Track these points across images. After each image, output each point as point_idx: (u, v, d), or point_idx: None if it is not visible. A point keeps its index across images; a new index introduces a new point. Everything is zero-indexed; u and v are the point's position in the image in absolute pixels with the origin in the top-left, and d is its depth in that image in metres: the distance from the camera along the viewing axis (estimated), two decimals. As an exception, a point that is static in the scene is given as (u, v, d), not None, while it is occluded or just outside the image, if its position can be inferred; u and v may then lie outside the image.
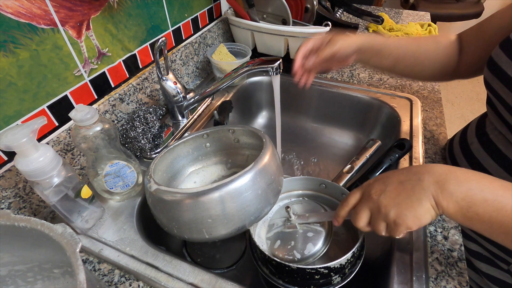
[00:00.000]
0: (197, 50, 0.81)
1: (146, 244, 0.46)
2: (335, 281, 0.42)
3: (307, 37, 0.79)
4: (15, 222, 0.32)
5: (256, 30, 0.83)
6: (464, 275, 0.42)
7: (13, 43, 0.42)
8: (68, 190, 0.42)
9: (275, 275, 0.43)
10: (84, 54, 0.52)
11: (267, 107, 0.93)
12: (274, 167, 0.43)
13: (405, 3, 2.43)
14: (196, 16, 0.79)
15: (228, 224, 0.40)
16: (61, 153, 0.51)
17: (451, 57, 0.55)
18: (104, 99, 0.58)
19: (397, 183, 0.34)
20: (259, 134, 0.49)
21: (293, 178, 0.53)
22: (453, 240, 0.46)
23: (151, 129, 0.61)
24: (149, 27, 0.65)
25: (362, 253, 0.44)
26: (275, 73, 0.52)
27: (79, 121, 0.42)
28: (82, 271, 0.29)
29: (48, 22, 0.45)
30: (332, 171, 0.77)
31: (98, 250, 0.46)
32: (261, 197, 0.41)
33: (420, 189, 0.33)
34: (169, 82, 0.61)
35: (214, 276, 0.42)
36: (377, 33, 1.08)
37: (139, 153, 0.60)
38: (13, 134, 0.35)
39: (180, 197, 0.39)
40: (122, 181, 0.50)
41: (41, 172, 0.38)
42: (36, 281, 0.41)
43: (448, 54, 0.55)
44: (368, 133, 0.81)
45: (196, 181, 0.58)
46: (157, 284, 0.42)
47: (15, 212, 0.46)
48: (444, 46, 0.55)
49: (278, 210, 0.52)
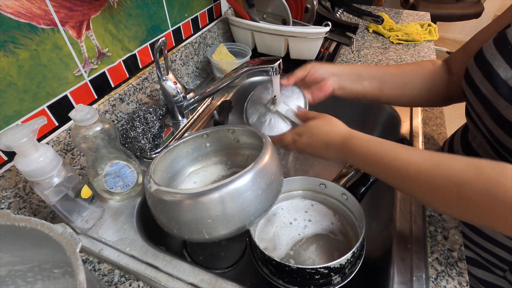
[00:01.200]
0: (197, 50, 0.81)
1: (146, 244, 0.46)
2: (335, 281, 0.42)
3: (307, 37, 0.79)
4: (15, 222, 0.32)
5: (256, 30, 0.83)
6: (464, 275, 0.42)
7: (13, 43, 0.42)
8: (68, 190, 0.42)
9: (275, 275, 0.43)
10: (84, 54, 0.52)
11: (267, 107, 0.93)
12: (274, 167, 0.43)
13: (405, 3, 2.43)
14: (196, 16, 0.79)
15: (228, 224, 0.40)
16: (61, 153, 0.51)
17: (438, 79, 0.53)
18: (104, 99, 0.58)
19: (317, 148, 0.48)
20: (259, 134, 0.49)
21: (293, 178, 0.53)
22: (453, 240, 0.46)
23: (151, 129, 0.61)
24: (149, 27, 0.65)
25: (362, 253, 0.44)
26: (275, 73, 0.52)
27: (79, 121, 0.42)
28: (82, 271, 0.29)
29: (48, 22, 0.45)
30: (332, 171, 0.77)
31: (98, 250, 0.46)
32: (261, 197, 0.41)
33: (330, 156, 0.47)
34: (169, 82, 0.61)
35: (214, 276, 0.42)
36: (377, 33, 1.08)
37: (139, 153, 0.60)
38: (13, 134, 0.35)
39: (180, 198, 0.39)
40: (122, 181, 0.50)
41: (41, 172, 0.38)
42: (36, 281, 0.41)
43: (434, 76, 0.54)
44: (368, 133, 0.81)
45: (196, 181, 0.58)
46: (157, 284, 0.42)
47: (15, 212, 0.46)
48: (430, 69, 0.54)
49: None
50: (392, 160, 0.38)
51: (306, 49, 0.83)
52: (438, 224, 0.48)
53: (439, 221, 0.49)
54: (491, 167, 0.32)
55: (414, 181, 0.37)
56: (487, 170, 0.32)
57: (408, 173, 0.37)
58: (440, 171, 0.34)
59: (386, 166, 0.39)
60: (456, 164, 0.34)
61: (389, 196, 0.56)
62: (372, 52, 0.97)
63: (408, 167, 0.37)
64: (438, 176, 0.34)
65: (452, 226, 0.48)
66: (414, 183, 0.37)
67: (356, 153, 0.43)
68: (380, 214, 0.59)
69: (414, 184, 0.37)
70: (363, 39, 1.06)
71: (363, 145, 0.42)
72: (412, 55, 0.94)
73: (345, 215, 0.52)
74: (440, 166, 0.35)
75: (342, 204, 0.52)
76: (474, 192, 0.32)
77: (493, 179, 0.31)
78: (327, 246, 0.49)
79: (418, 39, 1.01)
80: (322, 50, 0.95)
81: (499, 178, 0.31)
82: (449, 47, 2.82)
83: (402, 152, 0.38)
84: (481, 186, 0.31)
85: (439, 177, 0.34)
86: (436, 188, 0.35)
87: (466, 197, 0.32)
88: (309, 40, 0.80)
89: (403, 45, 1.00)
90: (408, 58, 0.92)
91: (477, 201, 0.32)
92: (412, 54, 0.95)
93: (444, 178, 0.34)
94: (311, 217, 0.53)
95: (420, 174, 0.36)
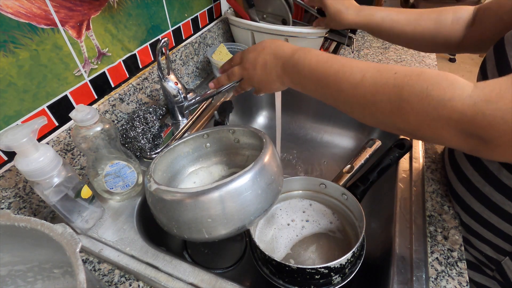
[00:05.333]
0: (197, 50, 0.81)
1: (146, 244, 0.46)
2: (335, 281, 0.42)
3: (307, 37, 0.79)
4: (15, 222, 0.32)
5: (256, 30, 0.83)
6: (464, 275, 0.42)
7: (13, 43, 0.42)
8: (68, 190, 0.42)
9: (275, 275, 0.43)
10: (84, 54, 0.52)
11: (267, 107, 0.93)
12: (274, 167, 0.43)
13: (405, 3, 2.44)
14: (196, 16, 0.79)
15: (228, 224, 0.40)
16: (61, 153, 0.51)
17: (453, 35, 0.54)
18: (104, 99, 0.58)
19: (263, 63, 0.45)
20: (259, 134, 0.49)
21: (293, 178, 0.53)
22: (453, 240, 0.46)
23: (151, 129, 0.61)
24: (149, 27, 0.65)
25: (362, 253, 0.44)
26: (275, 73, 0.51)
27: (79, 121, 0.42)
28: (82, 271, 0.29)
29: (48, 22, 0.45)
30: (332, 171, 0.77)
31: (98, 250, 0.46)
32: (261, 197, 0.41)
33: (275, 75, 0.45)
34: (170, 82, 0.61)
35: (214, 276, 0.42)
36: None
37: (139, 153, 0.60)
38: (13, 134, 0.35)
39: (180, 197, 0.39)
40: (122, 181, 0.50)
41: (41, 172, 0.38)
42: (36, 281, 0.41)
43: (449, 33, 0.54)
44: (368, 133, 0.81)
45: (196, 181, 0.58)
46: (157, 284, 0.42)
47: (15, 212, 0.46)
48: (447, 26, 0.54)
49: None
50: (341, 66, 0.38)
51: (306, 49, 0.83)
52: (438, 224, 0.48)
53: (439, 221, 0.49)
54: (435, 72, 0.32)
55: (360, 88, 0.36)
56: (429, 72, 0.32)
57: (355, 80, 0.36)
58: (385, 73, 0.34)
59: (333, 74, 0.38)
60: (401, 68, 0.34)
61: (389, 196, 0.56)
62: (372, 52, 0.97)
63: (356, 74, 0.36)
64: (382, 80, 0.34)
65: (452, 226, 0.48)
66: (360, 91, 0.36)
67: (303, 65, 0.41)
68: (380, 214, 0.59)
69: (358, 92, 0.36)
70: (363, 39, 1.06)
71: (310, 57, 0.41)
72: (412, 55, 0.94)
73: (345, 215, 0.52)
74: (386, 69, 0.34)
75: (342, 204, 0.52)
76: (414, 93, 0.31)
77: (434, 81, 0.30)
78: (327, 246, 0.49)
79: (418, 39, 1.01)
80: (322, 50, 0.95)
81: (439, 80, 0.30)
82: (449, 47, 2.81)
83: (349, 60, 0.38)
84: (421, 87, 0.31)
85: (383, 80, 0.34)
86: (379, 92, 0.34)
87: (405, 99, 0.32)
88: (309, 40, 0.80)
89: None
90: (408, 58, 0.92)
91: (414, 103, 0.31)
92: (412, 54, 0.95)
93: (388, 80, 0.33)
94: (309, 217, 0.53)
95: (365, 79, 0.35)
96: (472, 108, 0.28)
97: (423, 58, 0.93)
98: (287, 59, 0.43)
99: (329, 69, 0.39)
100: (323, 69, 0.39)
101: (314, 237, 0.50)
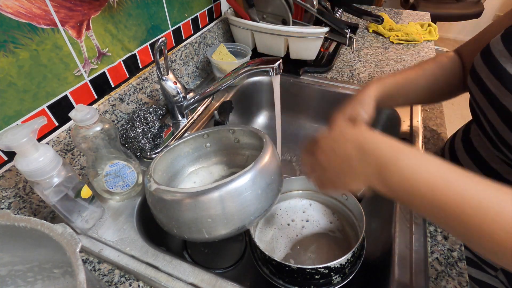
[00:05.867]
0: (197, 50, 0.81)
1: (146, 244, 0.46)
2: (335, 281, 0.42)
3: (307, 37, 0.79)
4: (15, 222, 0.32)
5: (256, 30, 0.83)
6: (464, 275, 0.42)
7: (13, 43, 0.42)
8: (68, 190, 0.42)
9: (275, 275, 0.43)
10: (84, 54, 0.52)
11: (267, 107, 0.93)
12: (274, 167, 0.43)
13: (405, 3, 2.43)
14: (196, 16, 0.79)
15: (228, 224, 0.40)
16: (61, 153, 0.51)
17: (457, 74, 0.53)
18: (104, 99, 0.58)
19: (343, 156, 0.35)
20: (259, 134, 0.49)
21: (293, 178, 0.53)
22: (453, 240, 0.46)
23: (151, 129, 0.61)
24: (149, 27, 0.65)
25: (362, 253, 0.44)
26: (275, 73, 0.52)
27: (79, 121, 0.42)
28: (82, 271, 0.29)
29: (48, 22, 0.45)
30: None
31: (98, 250, 0.46)
32: (261, 197, 0.41)
33: (361, 172, 0.34)
34: (169, 82, 0.61)
35: (214, 276, 0.42)
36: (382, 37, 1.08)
37: (139, 153, 0.60)
38: (13, 134, 0.35)
39: (180, 197, 0.39)
40: (122, 181, 0.50)
41: (41, 172, 0.38)
42: (36, 281, 0.41)
43: (454, 73, 0.53)
44: (368, 133, 0.81)
45: (196, 181, 0.58)
46: (157, 284, 0.42)
47: (15, 212, 0.46)
48: (449, 68, 0.53)
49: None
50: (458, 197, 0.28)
51: (306, 49, 0.83)
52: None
53: (439, 221, 0.49)
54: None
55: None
56: None
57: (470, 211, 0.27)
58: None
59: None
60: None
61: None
62: (372, 52, 0.97)
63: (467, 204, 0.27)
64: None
65: (452, 226, 0.48)
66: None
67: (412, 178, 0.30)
68: (380, 214, 0.59)
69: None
70: (363, 39, 1.06)
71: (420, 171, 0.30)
72: (412, 55, 0.94)
73: (345, 215, 0.52)
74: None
75: (342, 204, 0.52)
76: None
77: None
78: (327, 246, 0.49)
79: (418, 39, 1.01)
80: (322, 50, 0.95)
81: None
82: (449, 47, 2.82)
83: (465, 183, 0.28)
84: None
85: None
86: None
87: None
88: (309, 40, 0.80)
89: (403, 45, 1.00)
90: (408, 58, 0.92)
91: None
92: (412, 54, 0.95)
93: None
94: (309, 217, 0.53)
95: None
96: None
97: (423, 59, 0.93)
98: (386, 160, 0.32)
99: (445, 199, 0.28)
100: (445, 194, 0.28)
101: (314, 237, 0.50)
